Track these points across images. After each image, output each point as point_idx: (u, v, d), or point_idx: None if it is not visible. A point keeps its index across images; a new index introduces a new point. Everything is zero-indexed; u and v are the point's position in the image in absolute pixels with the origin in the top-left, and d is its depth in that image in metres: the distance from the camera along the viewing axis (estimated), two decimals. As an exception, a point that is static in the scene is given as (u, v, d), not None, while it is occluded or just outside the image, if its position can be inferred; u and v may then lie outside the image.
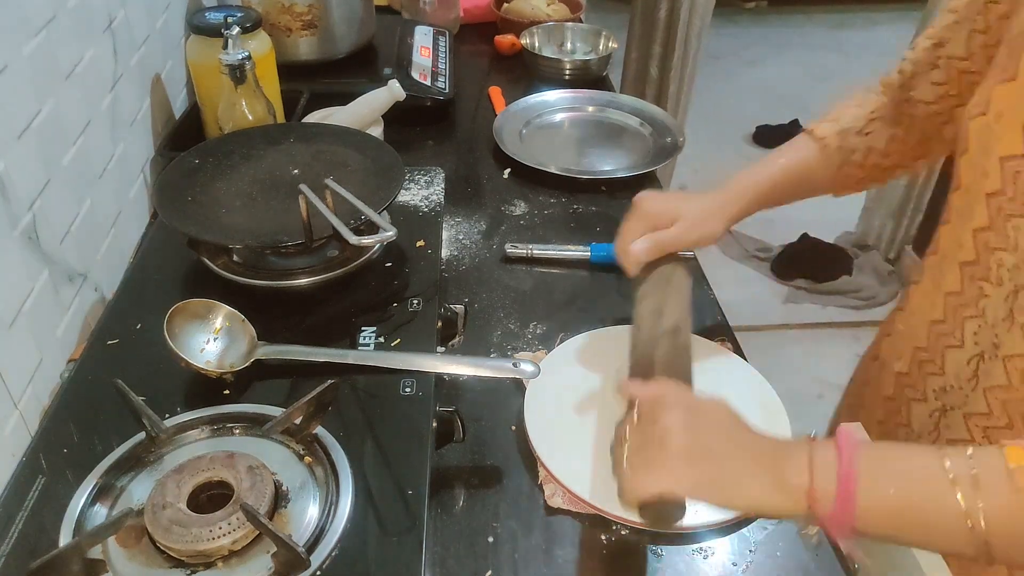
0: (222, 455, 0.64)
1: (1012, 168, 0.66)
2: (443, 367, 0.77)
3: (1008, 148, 0.67)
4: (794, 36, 4.20)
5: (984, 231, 0.71)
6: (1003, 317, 0.68)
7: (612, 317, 0.95)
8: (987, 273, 0.70)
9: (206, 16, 1.13)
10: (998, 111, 0.69)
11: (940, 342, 0.76)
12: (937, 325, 0.77)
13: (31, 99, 0.79)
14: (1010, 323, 0.68)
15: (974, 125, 0.71)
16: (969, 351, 0.72)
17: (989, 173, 0.69)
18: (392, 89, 1.17)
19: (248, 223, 0.85)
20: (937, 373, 0.76)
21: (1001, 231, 0.68)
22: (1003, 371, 0.68)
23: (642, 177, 1.20)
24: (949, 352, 0.75)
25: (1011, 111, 0.67)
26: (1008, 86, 0.68)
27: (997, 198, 0.68)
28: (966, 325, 0.73)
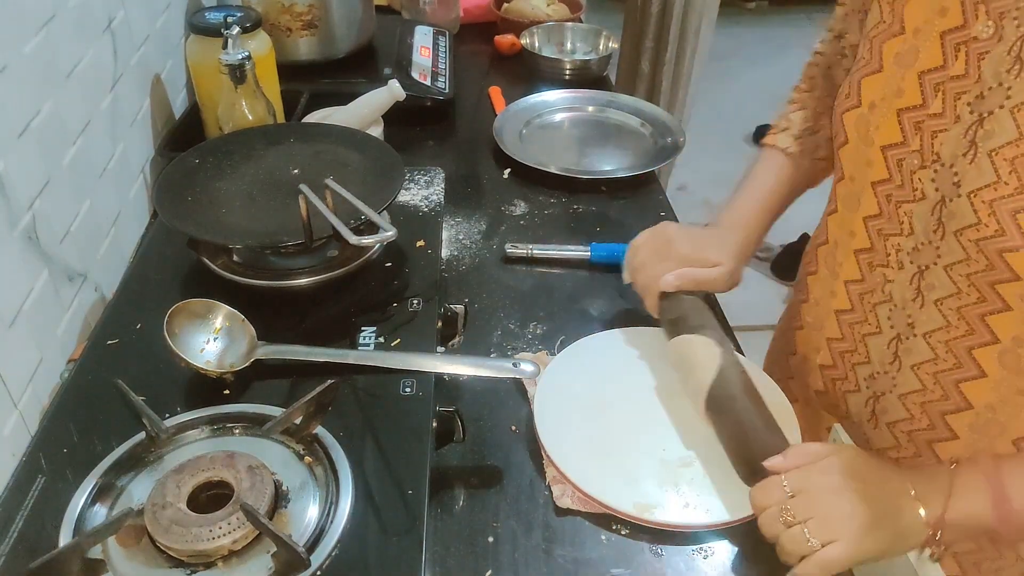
0: (222, 455, 0.64)
1: (895, 156, 0.69)
2: (443, 367, 0.77)
3: (888, 137, 0.70)
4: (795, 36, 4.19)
5: (875, 218, 0.73)
6: (912, 298, 0.71)
7: (612, 317, 0.95)
8: (886, 259, 0.73)
9: (206, 16, 1.13)
10: (870, 102, 0.71)
11: (856, 331, 0.78)
12: (846, 314, 0.79)
13: (31, 99, 0.79)
14: (921, 302, 0.70)
15: (849, 118, 0.74)
16: (887, 335, 0.75)
17: (873, 163, 0.72)
18: (392, 89, 1.17)
19: (248, 223, 0.85)
20: (863, 362, 0.79)
21: (893, 218, 0.71)
22: (927, 347, 0.71)
23: (642, 177, 1.21)
24: (869, 340, 0.77)
25: (883, 102, 0.70)
26: (875, 78, 0.71)
27: (884, 186, 0.71)
28: (878, 311, 0.75)
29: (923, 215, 0.68)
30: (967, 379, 0.69)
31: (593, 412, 0.80)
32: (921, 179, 0.67)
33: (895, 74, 0.69)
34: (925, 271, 0.69)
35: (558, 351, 0.89)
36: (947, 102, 0.65)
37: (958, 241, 0.65)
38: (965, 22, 0.64)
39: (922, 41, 0.67)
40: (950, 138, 0.65)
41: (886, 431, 0.78)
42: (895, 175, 0.70)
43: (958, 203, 0.64)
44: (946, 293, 0.68)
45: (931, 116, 0.66)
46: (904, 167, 0.69)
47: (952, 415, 0.71)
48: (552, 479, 0.74)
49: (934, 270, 0.68)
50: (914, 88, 0.67)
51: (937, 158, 0.66)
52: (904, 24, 0.69)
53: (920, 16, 0.68)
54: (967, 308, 0.67)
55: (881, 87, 0.71)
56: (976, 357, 0.68)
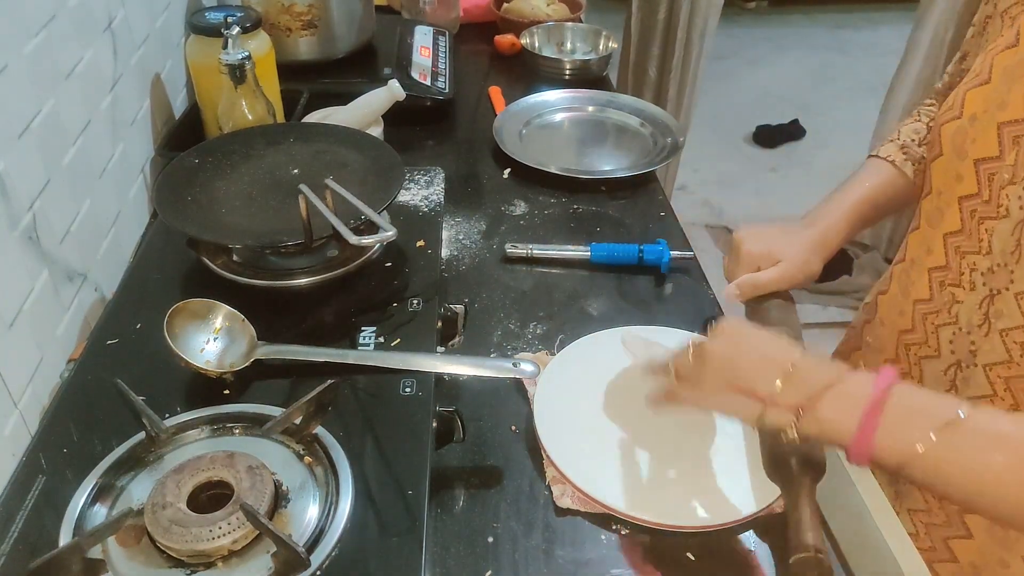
0: (222, 455, 0.64)
1: (987, 170, 0.66)
2: (443, 367, 0.77)
3: (983, 151, 0.67)
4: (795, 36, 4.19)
5: (955, 235, 0.70)
6: (979, 323, 0.67)
7: (612, 317, 0.95)
8: (959, 278, 0.69)
9: (206, 16, 1.13)
10: (972, 114, 0.69)
11: (912, 352, 0.75)
12: (906, 335, 0.75)
13: (31, 99, 0.79)
14: (987, 329, 0.66)
15: (947, 129, 0.71)
16: (946, 360, 0.71)
17: (963, 177, 0.68)
18: (392, 89, 1.17)
19: (248, 223, 0.85)
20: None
21: (973, 235, 0.68)
22: (985, 380, 0.67)
23: (642, 177, 1.21)
24: (925, 363, 0.73)
25: (985, 114, 0.67)
26: (981, 90, 0.68)
27: (971, 201, 0.68)
28: (940, 333, 0.71)
29: (1004, 234, 0.65)
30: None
31: (593, 412, 0.80)
32: (1008, 195, 0.64)
33: (1002, 87, 0.66)
34: (996, 296, 0.66)
35: (558, 351, 0.89)
36: None
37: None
38: None
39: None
40: None
41: None
42: (984, 189, 0.66)
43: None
44: (1013, 324, 0.64)
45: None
46: (994, 182, 0.65)
47: None
48: (552, 479, 0.74)
49: (1005, 296, 0.65)
50: (1019, 101, 0.64)
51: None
52: (1019, 37, 0.66)
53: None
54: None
55: (985, 99, 0.68)
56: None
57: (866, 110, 3.34)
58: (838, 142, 3.25)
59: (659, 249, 1.01)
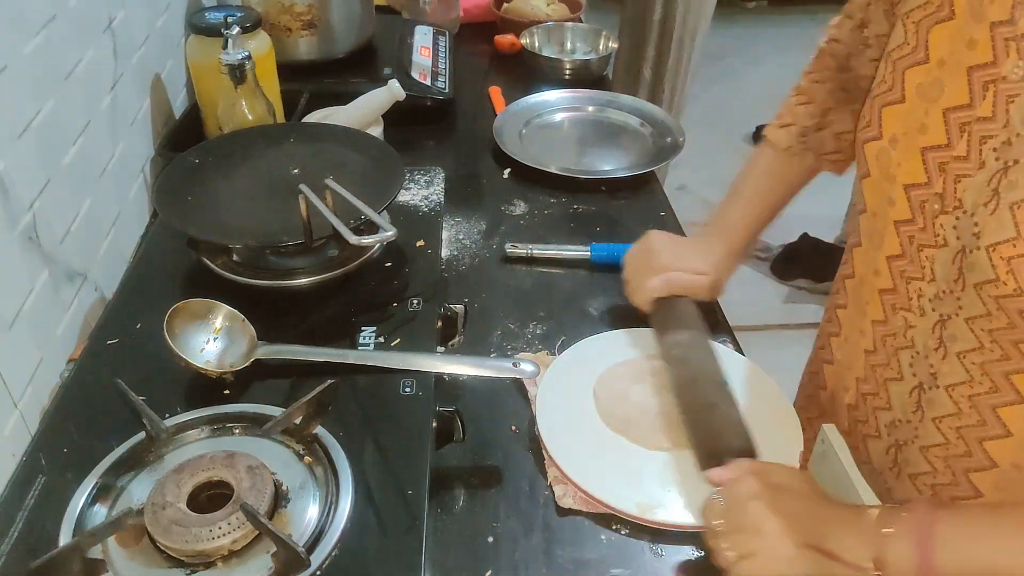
0: (222, 455, 0.64)
1: (918, 198, 0.65)
2: (443, 367, 0.77)
3: (910, 176, 0.65)
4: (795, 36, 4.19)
5: (897, 259, 0.69)
6: (935, 347, 0.67)
7: (612, 317, 0.95)
8: (908, 303, 0.69)
9: (206, 16, 1.13)
10: (891, 135, 0.67)
11: (878, 374, 0.74)
12: (870, 355, 0.75)
13: (31, 99, 0.79)
14: (943, 353, 0.66)
15: (870, 150, 0.69)
16: (908, 382, 0.71)
17: (895, 201, 0.67)
18: (392, 89, 1.17)
19: (248, 223, 0.85)
20: (884, 407, 0.74)
21: (915, 261, 0.67)
22: (949, 400, 0.67)
23: (642, 177, 1.21)
24: (890, 384, 0.73)
25: (905, 137, 0.66)
26: (897, 108, 0.67)
27: (907, 227, 0.67)
28: (900, 356, 0.71)
29: (944, 262, 0.64)
30: (991, 437, 0.65)
31: (595, 412, 0.80)
32: (943, 225, 0.63)
33: (918, 107, 0.64)
34: (947, 321, 0.65)
35: (558, 351, 0.89)
36: (972, 145, 0.60)
37: (978, 295, 0.61)
38: (995, 59, 0.58)
39: (948, 74, 0.62)
40: (973, 184, 0.60)
41: (908, 483, 0.73)
42: (918, 217, 0.65)
43: (977, 255, 0.60)
44: (968, 347, 0.64)
45: (956, 159, 0.61)
46: (927, 210, 0.64)
47: (975, 473, 0.67)
48: (554, 479, 0.74)
49: (956, 321, 0.64)
50: (939, 126, 0.62)
51: (959, 204, 0.61)
52: (929, 52, 0.64)
53: (946, 45, 0.62)
54: (990, 364, 0.63)
55: (903, 120, 0.66)
56: (1001, 416, 0.64)
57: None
58: (838, 142, 3.24)
59: (659, 249, 1.01)
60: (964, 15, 0.61)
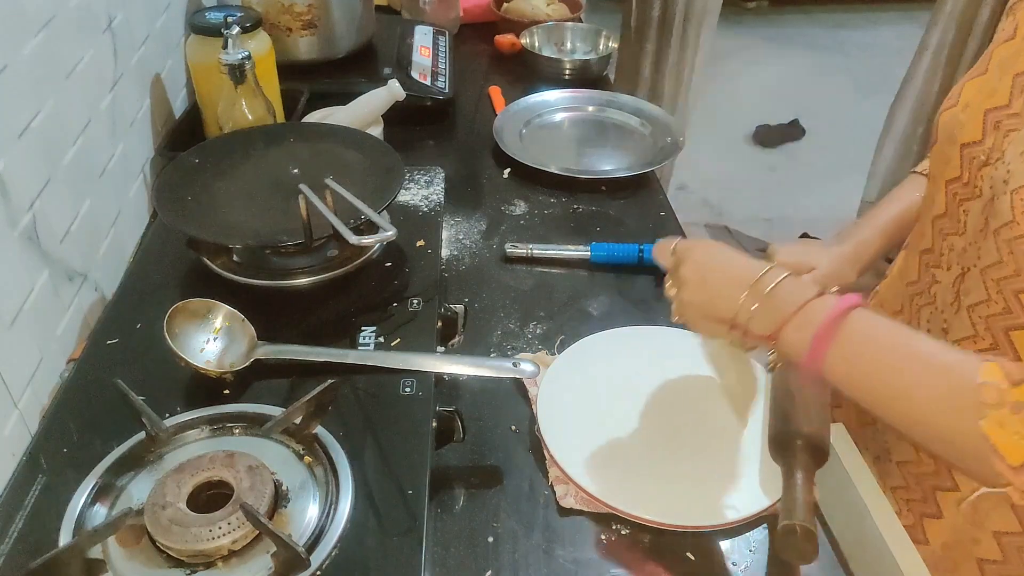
0: (222, 455, 0.64)
1: (969, 154, 0.69)
2: (443, 367, 0.77)
3: (969, 135, 0.70)
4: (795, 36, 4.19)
5: (940, 218, 0.73)
6: (950, 301, 0.71)
7: (612, 317, 0.95)
8: (939, 259, 0.73)
9: (206, 16, 1.13)
10: (966, 102, 0.72)
11: None
12: (897, 316, 0.79)
13: (31, 99, 0.79)
14: (957, 307, 0.70)
15: (944, 118, 0.74)
16: None
17: (951, 160, 0.72)
18: (392, 89, 1.17)
19: (248, 223, 0.85)
20: None
21: (954, 216, 0.71)
22: None
23: (642, 177, 1.21)
24: None
25: (977, 102, 0.70)
26: (979, 80, 0.72)
27: (954, 184, 0.71)
28: (921, 313, 0.75)
29: (976, 213, 0.68)
30: None
31: (596, 412, 0.80)
32: (983, 176, 0.67)
33: (995, 76, 0.70)
34: (966, 274, 0.69)
35: (558, 351, 0.89)
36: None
37: (995, 241, 0.65)
38: None
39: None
40: (1019, 138, 0.64)
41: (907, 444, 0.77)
42: (965, 172, 0.70)
43: (1002, 200, 0.64)
44: (977, 299, 0.67)
45: (1010, 116, 0.66)
46: (974, 164, 0.69)
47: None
48: (555, 479, 0.74)
49: (972, 273, 0.68)
50: (1006, 89, 0.67)
51: (1001, 156, 0.66)
52: (1017, 30, 0.69)
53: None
54: (993, 318, 0.66)
55: (979, 89, 0.71)
56: None
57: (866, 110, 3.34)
58: (838, 142, 3.25)
59: (659, 249, 1.01)
60: None
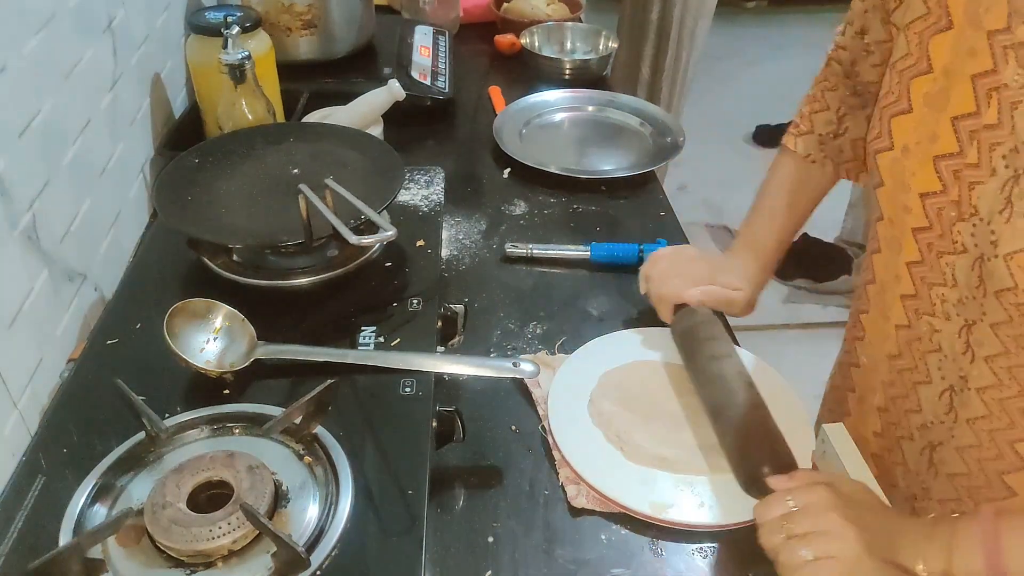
0: (222, 455, 0.64)
1: (934, 205, 0.65)
2: (443, 367, 0.77)
3: (925, 185, 0.66)
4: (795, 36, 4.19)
5: (917, 265, 0.69)
6: (962, 352, 0.67)
7: (612, 317, 0.95)
8: (931, 308, 0.69)
9: (206, 16, 1.13)
10: (903, 145, 0.68)
11: (906, 378, 0.74)
12: (895, 360, 0.75)
13: (31, 99, 0.79)
14: (971, 357, 0.66)
15: (883, 160, 0.70)
16: (938, 386, 0.71)
17: (911, 209, 0.68)
18: (392, 89, 1.17)
19: (248, 223, 0.85)
20: (915, 410, 0.74)
21: (935, 268, 0.67)
22: (980, 403, 0.67)
23: (642, 177, 1.21)
24: (920, 388, 0.73)
25: (917, 146, 0.66)
26: (906, 119, 0.67)
27: (925, 234, 0.67)
28: (928, 360, 0.71)
29: (965, 268, 0.64)
30: (1020, 439, 0.65)
31: (607, 411, 0.80)
32: (961, 231, 0.63)
33: (927, 117, 0.65)
34: (972, 326, 0.65)
35: (557, 351, 0.89)
36: (983, 152, 0.61)
37: (999, 303, 0.61)
38: (995, 67, 0.59)
39: (953, 83, 0.63)
40: (987, 192, 0.61)
41: (946, 483, 0.74)
42: (935, 224, 0.66)
43: (995, 263, 0.60)
44: (995, 351, 0.64)
45: (968, 166, 0.62)
46: (944, 217, 0.65)
47: (1009, 475, 0.67)
48: (566, 479, 0.74)
49: (981, 326, 0.64)
50: (949, 134, 0.63)
51: (975, 211, 0.62)
52: (932, 62, 0.65)
53: (948, 55, 0.63)
54: (1018, 369, 0.63)
55: (913, 130, 0.67)
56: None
57: (866, 110, 3.33)
58: (838, 142, 3.24)
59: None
60: (962, 24, 0.62)
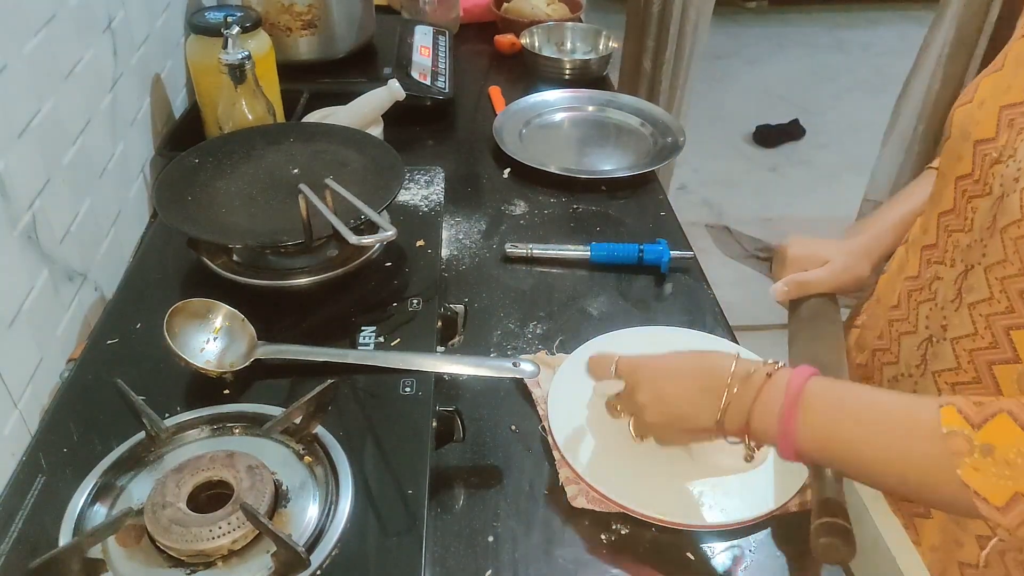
0: (222, 455, 0.64)
1: (982, 151, 0.69)
2: (443, 367, 0.77)
3: (983, 132, 0.69)
4: (795, 35, 4.19)
5: (947, 214, 0.73)
6: (952, 298, 0.71)
7: (612, 317, 0.95)
8: (943, 255, 0.73)
9: (206, 16, 1.13)
10: (982, 98, 0.71)
11: (895, 328, 0.78)
12: (894, 310, 0.79)
13: (31, 99, 0.79)
14: (958, 303, 0.70)
15: (959, 113, 0.74)
16: (920, 335, 0.74)
17: (963, 157, 0.71)
18: (392, 89, 1.17)
19: (248, 223, 0.85)
20: (892, 362, 0.78)
21: (961, 213, 0.71)
22: (951, 353, 0.70)
23: (642, 177, 1.21)
24: (904, 339, 0.77)
25: (992, 98, 0.70)
26: (995, 76, 0.71)
27: (964, 181, 0.71)
28: (920, 309, 0.75)
29: (984, 211, 0.68)
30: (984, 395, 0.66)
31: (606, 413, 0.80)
32: (994, 174, 0.67)
33: (1011, 72, 0.69)
34: (969, 271, 0.69)
35: (557, 351, 0.89)
36: None
37: (1002, 239, 0.65)
38: None
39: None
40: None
41: None
42: (976, 169, 0.70)
43: (1011, 199, 0.64)
44: (980, 297, 0.67)
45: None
46: (986, 161, 0.68)
47: None
48: (566, 479, 0.74)
49: (976, 270, 0.68)
50: (1021, 85, 0.67)
51: (1014, 154, 0.65)
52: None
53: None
54: (994, 317, 0.66)
55: (995, 85, 0.71)
56: (995, 374, 0.67)
57: (866, 110, 3.34)
58: (838, 142, 3.25)
59: (659, 249, 1.01)
60: None
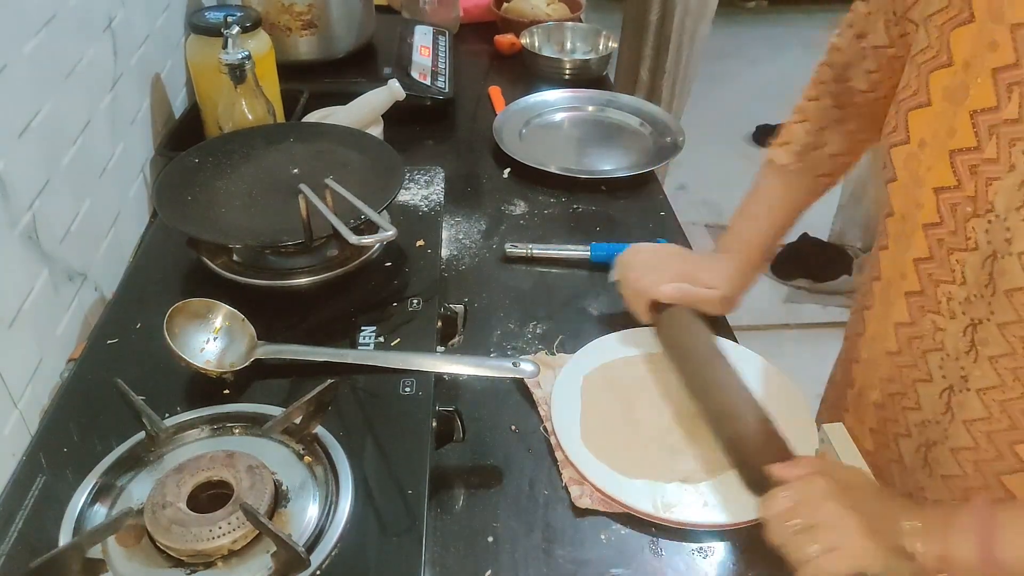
0: (222, 455, 0.64)
1: (948, 201, 0.65)
2: (443, 367, 0.77)
3: (940, 179, 0.65)
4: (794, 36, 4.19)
5: (925, 262, 0.69)
6: (965, 351, 0.67)
7: (612, 317, 0.95)
8: (936, 306, 0.68)
9: (206, 16, 1.13)
10: (920, 139, 0.67)
11: (905, 375, 0.74)
12: (895, 356, 0.75)
13: (31, 99, 0.79)
14: (974, 356, 0.66)
15: (898, 154, 0.69)
16: (938, 384, 0.70)
17: (923, 204, 0.67)
18: (392, 89, 1.17)
19: (248, 223, 0.85)
20: (913, 407, 0.74)
21: (944, 264, 0.67)
22: (980, 404, 0.67)
23: (642, 177, 1.21)
24: (919, 386, 0.73)
25: (934, 140, 0.65)
26: (924, 112, 0.67)
27: (935, 230, 0.67)
28: (928, 359, 0.71)
29: (975, 266, 0.63)
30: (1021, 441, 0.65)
31: (609, 412, 0.80)
32: (975, 228, 0.62)
33: (946, 111, 0.64)
34: (978, 325, 0.65)
35: (557, 351, 0.89)
36: (1002, 148, 0.60)
37: (1009, 302, 0.60)
38: (1017, 61, 0.58)
39: (972, 77, 0.61)
40: (1004, 188, 0.59)
41: (940, 484, 0.74)
42: (947, 220, 0.65)
43: (1008, 261, 0.59)
44: (1000, 352, 0.63)
45: (986, 161, 0.61)
46: (958, 213, 0.64)
47: (1007, 477, 0.67)
48: (570, 480, 0.74)
49: (987, 326, 0.64)
50: (967, 129, 0.62)
51: (991, 207, 0.61)
52: (952, 55, 0.64)
53: (968, 48, 0.62)
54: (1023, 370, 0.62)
55: (931, 124, 0.66)
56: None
57: (866, 110, 3.33)
58: (838, 142, 3.24)
59: (659, 249, 1.01)
60: (984, 17, 0.61)
